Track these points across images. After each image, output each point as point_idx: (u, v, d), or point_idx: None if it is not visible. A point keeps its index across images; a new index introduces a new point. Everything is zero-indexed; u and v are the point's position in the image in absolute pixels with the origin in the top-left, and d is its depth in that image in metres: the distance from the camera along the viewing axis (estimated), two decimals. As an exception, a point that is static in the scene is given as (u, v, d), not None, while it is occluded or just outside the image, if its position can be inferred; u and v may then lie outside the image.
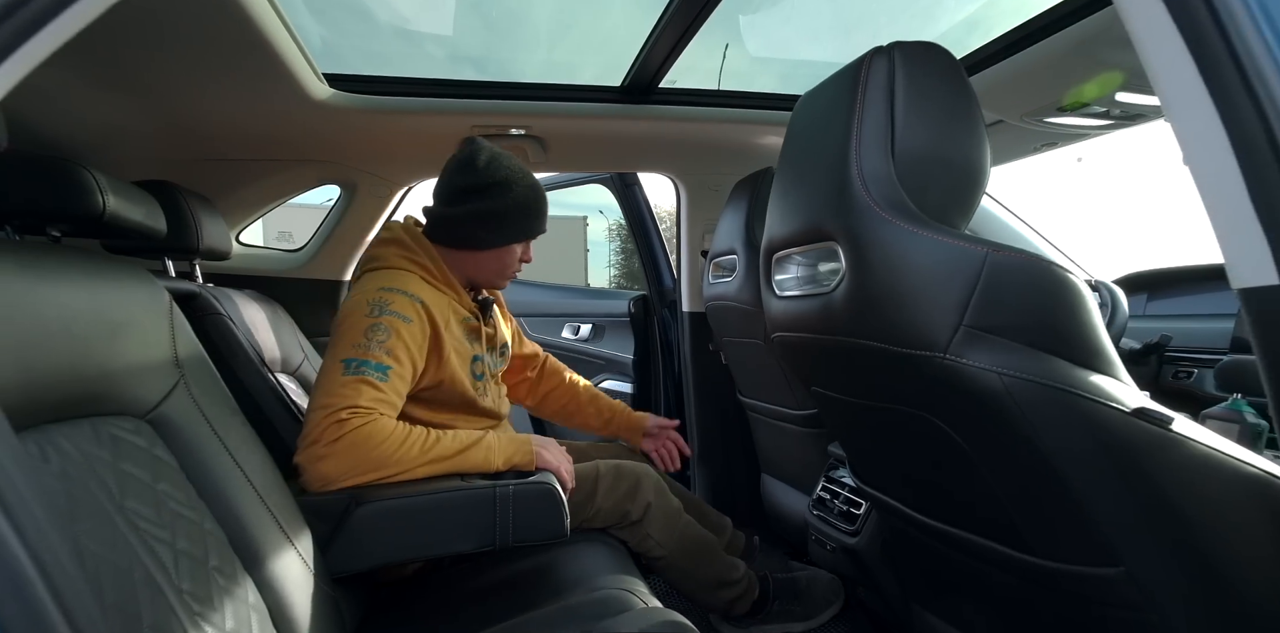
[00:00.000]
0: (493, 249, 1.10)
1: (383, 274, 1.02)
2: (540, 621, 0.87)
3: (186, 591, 0.56)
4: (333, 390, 0.88)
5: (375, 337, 0.92)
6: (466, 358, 1.08)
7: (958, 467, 0.65)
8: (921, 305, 0.60)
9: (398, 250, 1.06)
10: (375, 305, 0.95)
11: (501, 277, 1.15)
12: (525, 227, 1.11)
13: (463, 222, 1.08)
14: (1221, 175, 0.44)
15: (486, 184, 1.07)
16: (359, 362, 0.90)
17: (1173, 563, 0.52)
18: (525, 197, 1.10)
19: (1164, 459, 0.52)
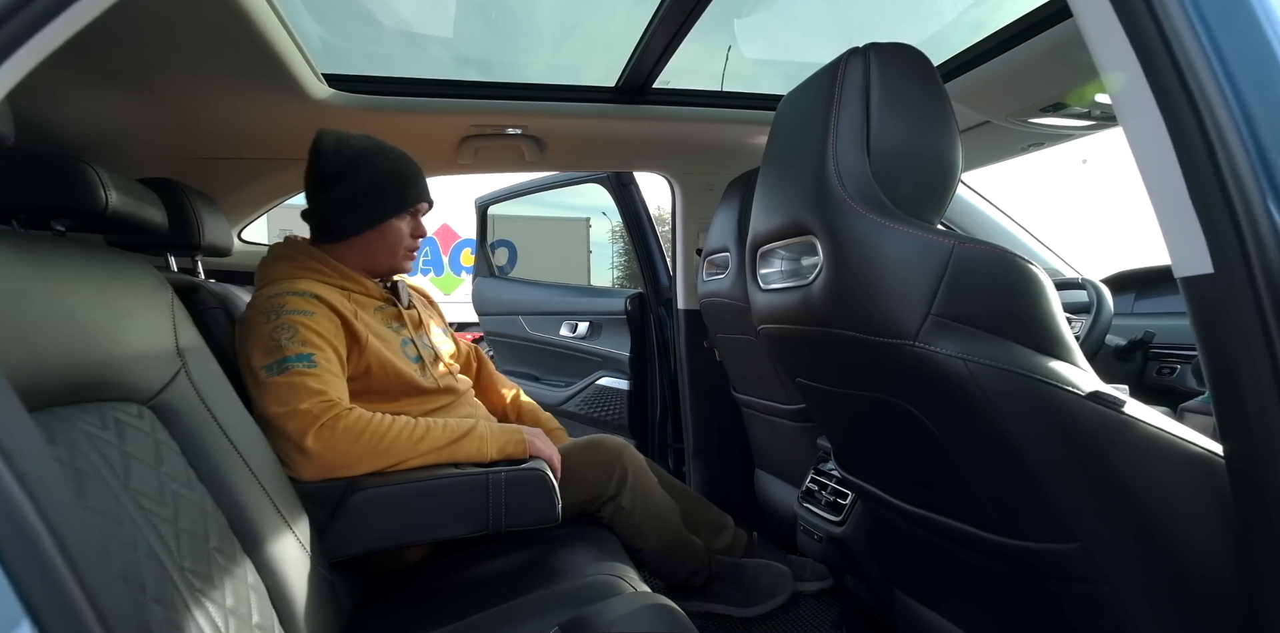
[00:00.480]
0: (368, 231, 1.07)
1: (271, 287, 0.99)
2: (532, 605, 0.90)
3: (188, 568, 0.59)
4: (272, 400, 0.86)
5: (282, 336, 0.90)
6: (395, 343, 1.06)
7: (929, 451, 0.68)
8: (893, 296, 0.62)
9: (281, 264, 1.04)
10: (271, 312, 0.93)
11: (394, 257, 1.10)
12: (392, 201, 1.07)
13: (328, 212, 1.06)
14: (1165, 174, 0.47)
15: (338, 170, 1.05)
16: (278, 361, 0.88)
17: (1123, 538, 0.55)
18: (382, 171, 1.06)
19: (1115, 440, 0.54)
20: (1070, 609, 0.60)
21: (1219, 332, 0.46)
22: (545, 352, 2.31)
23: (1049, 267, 1.73)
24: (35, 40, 0.36)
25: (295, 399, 0.86)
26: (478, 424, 0.98)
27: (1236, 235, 0.44)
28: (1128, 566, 0.55)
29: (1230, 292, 0.45)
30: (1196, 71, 0.44)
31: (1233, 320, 0.44)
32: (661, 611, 0.83)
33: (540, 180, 2.34)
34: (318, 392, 0.87)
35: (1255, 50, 0.44)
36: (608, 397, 2.11)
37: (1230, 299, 0.45)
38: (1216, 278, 0.45)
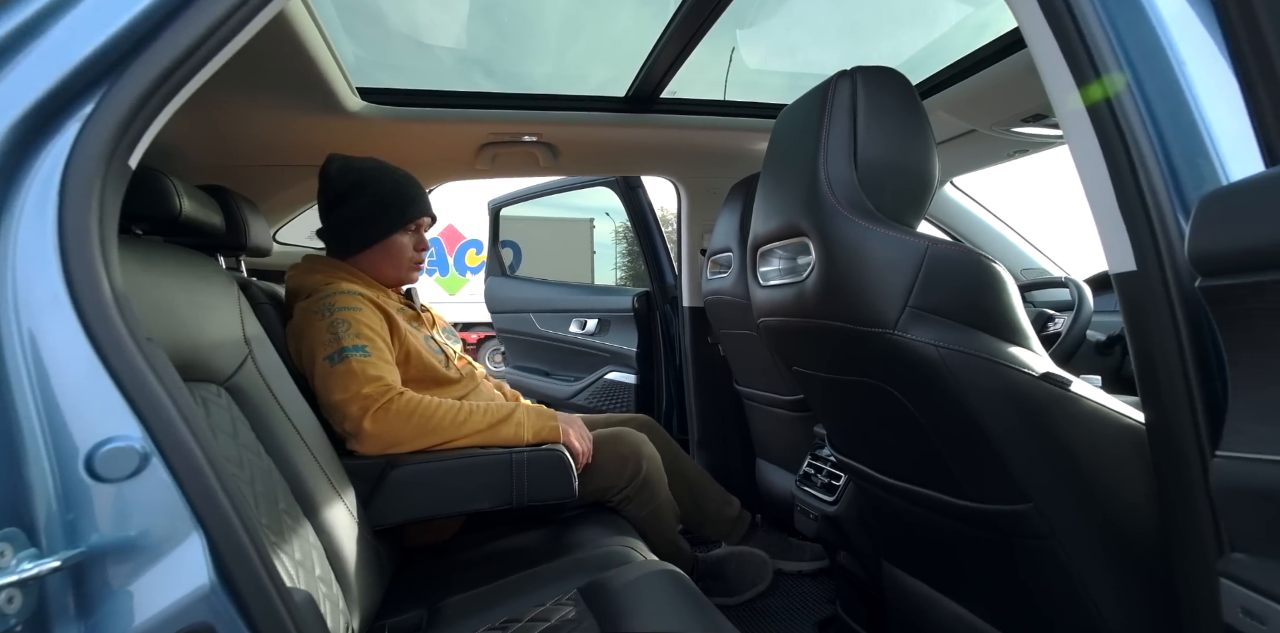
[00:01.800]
0: (373, 246, 1.17)
1: (314, 294, 1.08)
2: (553, 572, 0.99)
3: (265, 524, 0.68)
4: (335, 384, 0.96)
5: (339, 330, 1.00)
6: (420, 338, 1.17)
7: (909, 429, 0.77)
8: (876, 290, 0.71)
9: (317, 275, 1.14)
10: (323, 310, 1.03)
11: (400, 269, 1.20)
12: (393, 218, 1.17)
13: (337, 230, 1.18)
14: (1099, 189, 0.56)
15: (344, 191, 1.16)
16: (338, 351, 0.98)
17: (1068, 498, 0.63)
18: (383, 191, 1.16)
19: (1063, 413, 0.63)
20: (1025, 562, 0.69)
21: (1141, 319, 0.55)
22: (555, 348, 2.41)
23: (1036, 266, 1.81)
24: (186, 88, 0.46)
25: (356, 385, 0.96)
26: (517, 409, 1.07)
27: (1153, 240, 0.52)
28: (1072, 522, 0.64)
29: (1149, 286, 0.53)
30: (1124, 106, 0.53)
31: (1151, 309, 0.53)
32: (670, 575, 0.92)
33: (551, 184, 2.44)
34: (375, 378, 0.97)
35: (1170, 89, 0.53)
36: (615, 390, 2.21)
37: (1149, 292, 0.53)
38: (1139, 275, 0.54)
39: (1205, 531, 0.47)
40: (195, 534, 0.39)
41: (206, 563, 0.39)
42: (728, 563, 1.49)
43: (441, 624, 0.88)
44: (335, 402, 0.96)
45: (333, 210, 1.19)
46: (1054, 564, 0.66)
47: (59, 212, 0.39)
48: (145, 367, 0.40)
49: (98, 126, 0.41)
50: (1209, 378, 0.49)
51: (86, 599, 0.35)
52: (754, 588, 1.48)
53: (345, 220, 1.17)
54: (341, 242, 1.19)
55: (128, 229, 0.86)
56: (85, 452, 0.37)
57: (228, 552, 0.40)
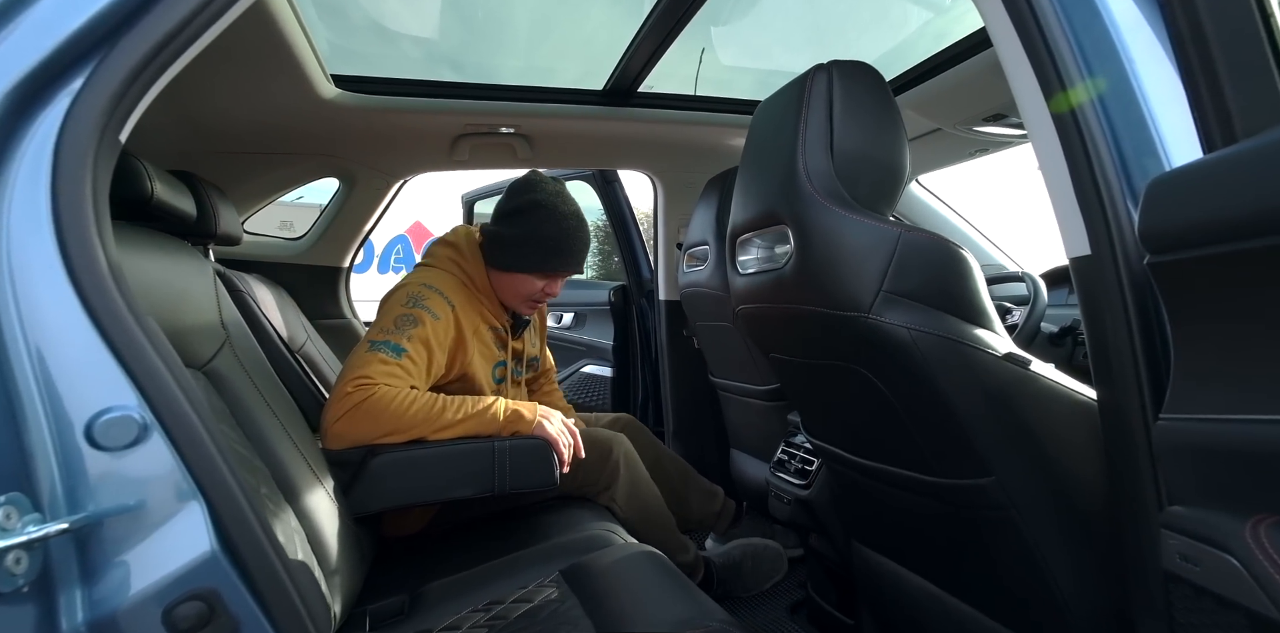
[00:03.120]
0: (507, 272, 1.17)
1: (429, 272, 1.13)
2: (535, 555, 1.00)
3: (247, 507, 0.67)
4: (351, 365, 0.98)
5: (404, 325, 1.03)
6: (490, 361, 1.19)
7: (881, 410, 0.80)
8: (851, 276, 0.75)
9: (451, 253, 1.18)
10: (413, 298, 1.06)
11: (519, 301, 1.20)
12: (533, 262, 1.15)
13: (490, 240, 1.19)
14: (1057, 179, 0.60)
15: (513, 210, 1.17)
16: (380, 342, 1.01)
17: (1026, 472, 0.68)
18: (539, 232, 1.15)
19: (1023, 391, 0.67)
20: (987, 533, 0.74)
21: (1094, 300, 0.59)
22: (531, 342, 2.40)
23: (994, 261, 1.89)
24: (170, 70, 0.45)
25: (354, 372, 0.96)
26: (495, 403, 1.05)
27: (1106, 225, 0.57)
28: (1029, 493, 0.69)
29: (1101, 269, 0.58)
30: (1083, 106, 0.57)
31: (1102, 291, 0.58)
32: (651, 556, 0.95)
33: (526, 176, 2.42)
34: (377, 375, 0.97)
35: (1121, 86, 0.57)
36: (592, 384, 2.22)
37: (1101, 275, 0.58)
38: (1093, 258, 0.58)
39: (1147, 489, 0.52)
40: (196, 503, 0.39)
41: (208, 530, 0.40)
42: (742, 565, 1.47)
43: (424, 608, 0.88)
44: (338, 379, 0.98)
45: (497, 221, 1.19)
46: (1012, 534, 0.70)
47: (52, 183, 0.38)
48: (143, 339, 0.40)
49: (90, 99, 0.41)
50: (1153, 351, 0.54)
51: (90, 564, 0.35)
52: (771, 579, 1.48)
53: (497, 238, 1.17)
54: (486, 250, 1.20)
55: None
56: (84, 421, 0.37)
57: (229, 520, 0.40)
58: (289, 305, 1.43)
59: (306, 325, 1.49)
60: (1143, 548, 0.52)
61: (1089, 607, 0.68)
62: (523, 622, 0.80)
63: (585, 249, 1.21)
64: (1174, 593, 0.44)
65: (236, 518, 0.41)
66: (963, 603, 0.85)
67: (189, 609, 0.38)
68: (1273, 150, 0.36)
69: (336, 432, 0.94)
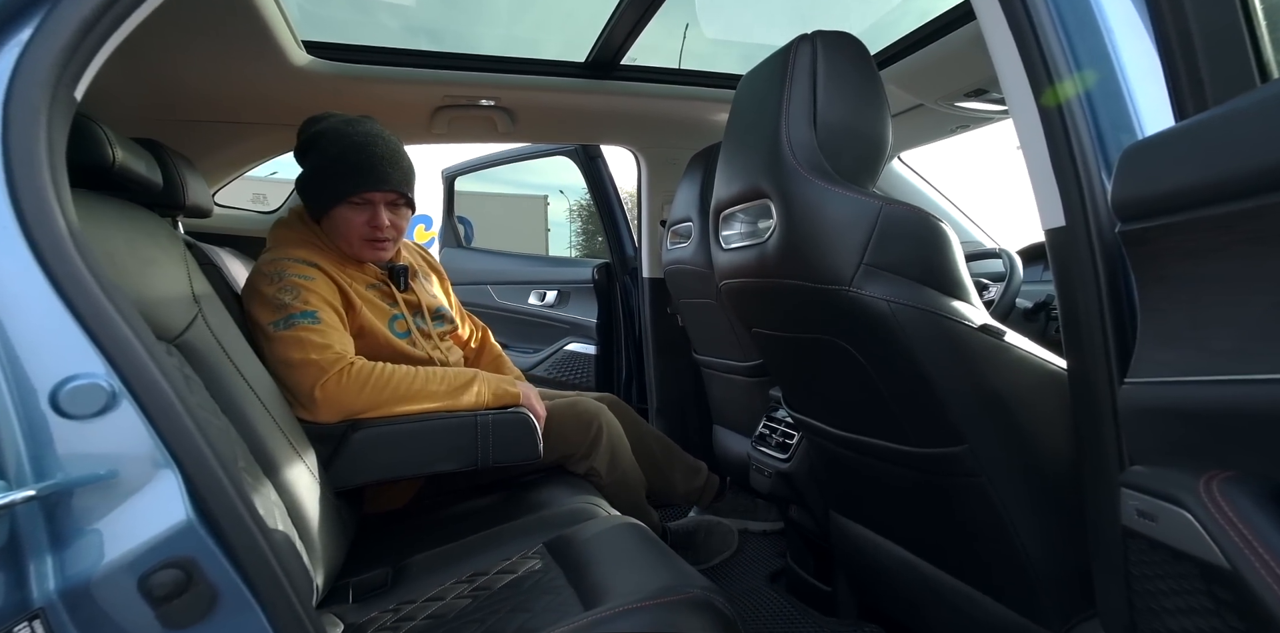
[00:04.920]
0: (326, 217, 1.07)
1: (273, 252, 1.04)
2: (518, 528, 1.01)
3: (225, 481, 0.67)
4: (282, 352, 0.92)
5: (285, 296, 0.96)
6: (384, 316, 1.10)
7: (860, 382, 0.82)
8: (833, 248, 0.75)
9: (286, 232, 1.10)
10: (274, 275, 0.98)
11: (357, 245, 1.08)
12: (329, 190, 1.05)
13: (298, 191, 1.09)
14: (1035, 152, 0.61)
15: (302, 148, 1.08)
16: (285, 318, 0.94)
17: (998, 439, 0.70)
18: (327, 156, 1.04)
19: (996, 361, 0.69)
20: (959, 500, 0.76)
21: (1067, 271, 0.60)
22: (514, 320, 2.39)
23: (971, 238, 1.92)
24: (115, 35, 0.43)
25: (302, 351, 0.93)
26: (477, 376, 1.05)
27: (1080, 196, 0.57)
28: (1000, 460, 0.71)
29: (1074, 240, 0.59)
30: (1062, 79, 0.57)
31: (1075, 261, 0.59)
32: (634, 527, 0.96)
33: (508, 152, 2.38)
34: (323, 346, 0.94)
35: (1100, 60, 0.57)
36: (575, 361, 2.22)
37: (1074, 245, 0.59)
38: (1067, 229, 0.59)
39: (1109, 452, 0.54)
40: (169, 471, 0.39)
41: (183, 499, 0.39)
42: (696, 534, 1.54)
43: (407, 581, 0.89)
44: (283, 371, 0.93)
45: (300, 166, 1.10)
46: (983, 500, 0.73)
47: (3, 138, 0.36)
48: (108, 304, 0.38)
49: (39, 51, 0.39)
50: (1121, 319, 0.55)
51: (60, 532, 0.35)
52: (721, 555, 1.54)
53: (299, 182, 1.10)
54: (305, 204, 1.11)
55: None
56: (49, 389, 0.36)
57: (204, 488, 0.40)
58: (264, 282, 1.40)
59: (283, 302, 1.46)
60: (1103, 507, 0.54)
61: (1053, 567, 0.71)
62: (506, 592, 0.81)
63: (387, 164, 1.06)
64: (1131, 548, 0.46)
65: (212, 487, 0.40)
66: (935, 568, 0.89)
67: (165, 577, 0.38)
68: (1237, 117, 0.36)
69: (320, 399, 0.92)
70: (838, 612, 1.24)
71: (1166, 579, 0.42)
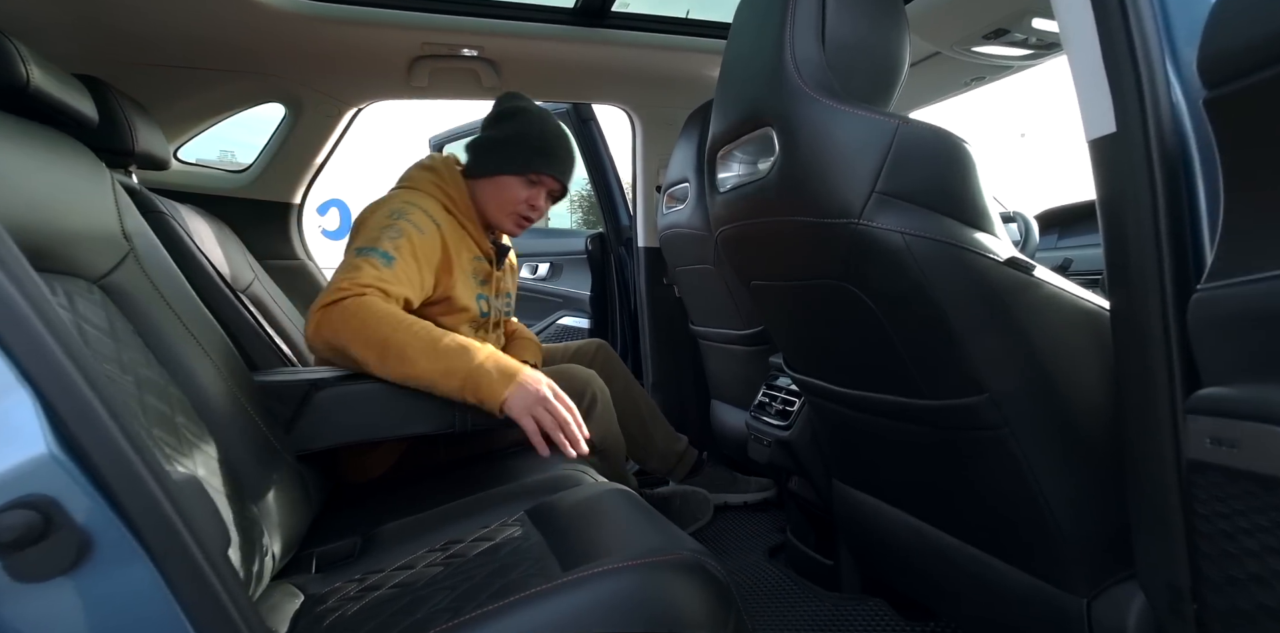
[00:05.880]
0: (489, 176, 1.14)
1: (410, 192, 1.08)
2: (500, 495, 0.94)
3: (156, 435, 0.59)
4: (340, 271, 0.93)
5: (388, 233, 0.97)
6: (472, 291, 1.13)
7: (868, 330, 0.74)
8: (841, 176, 0.67)
9: (430, 176, 1.13)
10: (397, 212, 1.01)
11: (503, 212, 1.16)
12: (511, 159, 1.13)
13: (475, 148, 1.16)
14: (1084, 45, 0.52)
15: (497, 116, 1.17)
16: (368, 248, 0.95)
17: (1023, 386, 0.63)
18: (519, 130, 1.14)
19: (1024, 299, 0.61)
20: (976, 457, 0.69)
21: (1115, 187, 0.52)
22: (505, 293, 2.31)
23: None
24: None
25: (343, 274, 0.91)
26: (482, 354, 0.86)
27: (1139, 96, 0.49)
28: (1025, 410, 0.63)
29: (1128, 148, 0.50)
30: None
31: (1127, 175, 0.50)
32: (621, 493, 0.89)
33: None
34: (369, 281, 0.90)
35: None
36: (569, 336, 2.15)
37: (1127, 155, 0.50)
38: (1118, 136, 0.51)
39: (1160, 380, 0.46)
40: (23, 391, 0.31)
41: (41, 428, 0.32)
42: (671, 500, 1.50)
43: (376, 550, 0.82)
44: (327, 286, 0.91)
45: (485, 128, 1.18)
46: (1004, 456, 0.65)
47: None
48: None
49: None
50: (1179, 230, 0.47)
51: None
52: (695, 523, 1.51)
53: (478, 143, 1.16)
54: (471, 160, 1.17)
55: None
56: None
57: (71, 416, 0.32)
58: (232, 242, 1.31)
59: (254, 265, 1.38)
60: (1153, 446, 0.47)
61: (1081, 528, 0.64)
62: (481, 558, 0.74)
63: (570, 159, 1.19)
64: (1197, 485, 0.39)
65: (81, 415, 0.33)
66: (946, 535, 0.82)
67: (15, 519, 0.30)
68: None
69: (318, 319, 0.87)
70: (840, 586, 1.18)
71: (1250, 515, 0.35)
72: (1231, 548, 0.37)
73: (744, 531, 1.53)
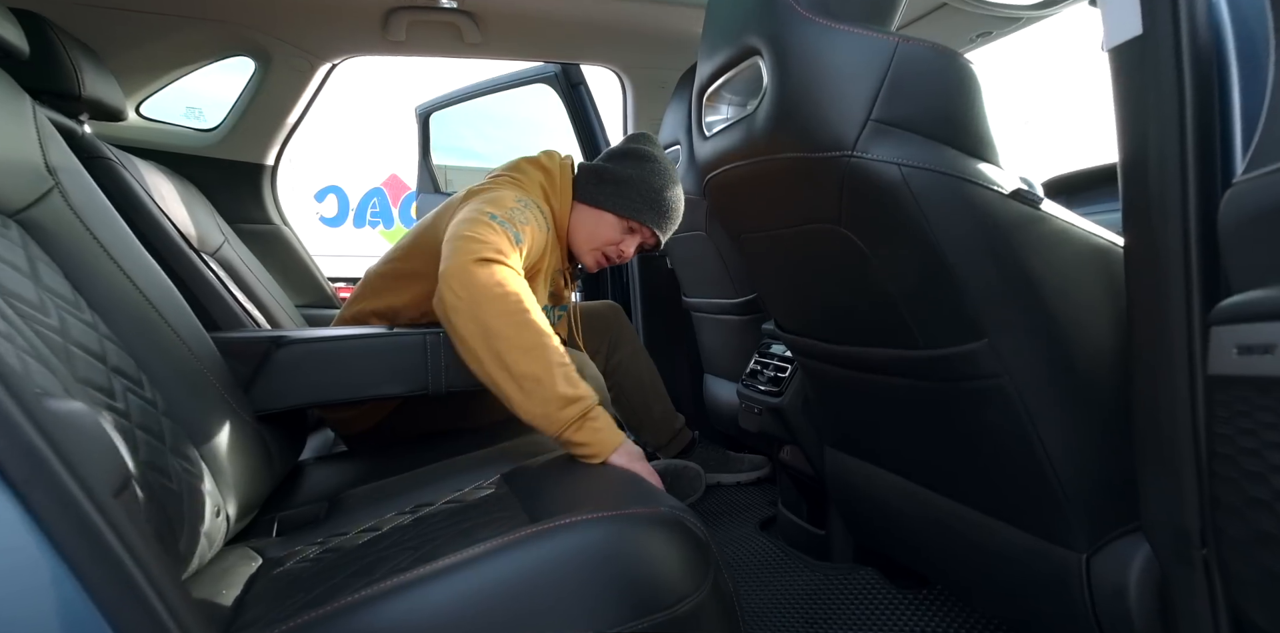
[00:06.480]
0: (597, 210, 1.11)
1: (524, 192, 1.03)
2: (475, 459, 0.90)
3: (83, 378, 0.54)
4: (477, 228, 0.80)
5: (518, 214, 0.90)
6: (543, 299, 1.09)
7: (861, 278, 0.69)
8: (834, 104, 0.61)
9: (544, 180, 1.09)
10: (524, 201, 0.97)
11: (588, 245, 1.13)
12: (625, 202, 1.10)
13: (593, 174, 1.12)
14: None
15: (634, 153, 1.14)
16: (504, 221, 0.85)
17: (1025, 329, 0.58)
18: (648, 177, 1.11)
19: (1030, 234, 0.56)
20: (974, 408, 0.64)
21: (1137, 98, 0.46)
22: (493, 266, 2.25)
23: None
24: None
25: (492, 241, 0.79)
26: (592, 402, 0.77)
27: (1170, -8, 0.43)
28: (1026, 355, 0.59)
29: (1155, 52, 0.45)
30: None
31: (1152, 80, 0.45)
32: (602, 458, 0.85)
33: (483, 84, 2.19)
34: (500, 246, 0.79)
35: None
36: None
37: (1153, 60, 0.45)
38: (1144, 38, 0.45)
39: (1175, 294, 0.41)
40: None
41: None
42: (664, 476, 1.46)
43: (342, 513, 0.78)
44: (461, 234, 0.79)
45: (611, 159, 1.16)
46: (1003, 405, 0.61)
47: None
48: None
49: None
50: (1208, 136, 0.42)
51: None
52: (687, 500, 1.48)
53: (607, 172, 1.13)
54: (581, 184, 1.13)
55: None
56: None
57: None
58: (199, 203, 1.25)
59: (224, 227, 1.32)
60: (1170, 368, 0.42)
61: (1082, 479, 0.60)
62: (450, 519, 0.70)
63: (676, 222, 1.17)
64: (1218, 404, 0.35)
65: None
66: (941, 496, 0.78)
67: None
68: None
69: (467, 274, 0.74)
70: (831, 556, 1.14)
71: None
72: (1256, 466, 0.33)
73: (736, 505, 1.50)
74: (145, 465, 0.56)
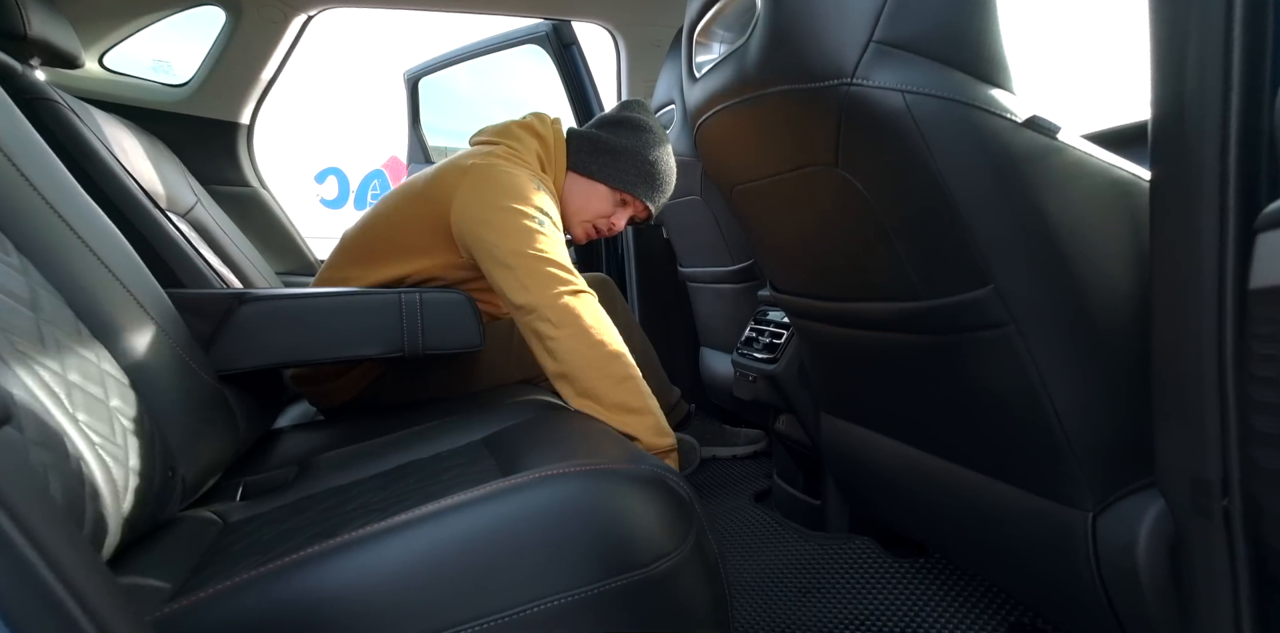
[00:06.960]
0: (589, 180, 1.08)
1: (526, 166, 1.00)
2: (456, 425, 0.86)
3: (8, 327, 0.50)
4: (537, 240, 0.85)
5: (546, 203, 0.92)
6: None
7: (858, 223, 0.64)
8: (832, 26, 0.55)
9: (539, 146, 1.06)
10: (536, 183, 0.95)
11: (579, 217, 1.10)
12: (625, 174, 1.07)
13: (584, 141, 1.09)
14: None
15: (617, 120, 1.10)
16: (544, 218, 0.89)
17: (1034, 272, 0.53)
18: (641, 148, 1.07)
19: (1044, 165, 0.51)
20: (977, 362, 0.59)
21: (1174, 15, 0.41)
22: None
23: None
24: None
25: (540, 246, 0.85)
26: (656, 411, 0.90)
27: None
28: (1035, 301, 0.54)
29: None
30: None
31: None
32: (585, 417, 0.81)
33: (472, 46, 2.11)
34: (566, 263, 0.87)
35: None
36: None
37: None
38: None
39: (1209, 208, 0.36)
40: None
41: None
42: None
43: (311, 478, 0.74)
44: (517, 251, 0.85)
45: (604, 126, 1.12)
46: (1008, 357, 0.56)
47: None
48: None
49: None
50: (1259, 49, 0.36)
51: None
52: (682, 471, 1.44)
53: (599, 141, 1.09)
54: (572, 152, 1.09)
55: None
56: None
57: None
58: (168, 161, 1.19)
59: (196, 188, 1.26)
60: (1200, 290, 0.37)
61: (1091, 436, 0.55)
62: (421, 482, 0.66)
63: (668, 195, 1.14)
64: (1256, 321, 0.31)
65: None
66: (940, 460, 0.74)
67: None
68: None
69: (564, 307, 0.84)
70: (826, 526, 1.12)
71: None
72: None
73: (730, 478, 1.48)
74: (78, 421, 0.52)
